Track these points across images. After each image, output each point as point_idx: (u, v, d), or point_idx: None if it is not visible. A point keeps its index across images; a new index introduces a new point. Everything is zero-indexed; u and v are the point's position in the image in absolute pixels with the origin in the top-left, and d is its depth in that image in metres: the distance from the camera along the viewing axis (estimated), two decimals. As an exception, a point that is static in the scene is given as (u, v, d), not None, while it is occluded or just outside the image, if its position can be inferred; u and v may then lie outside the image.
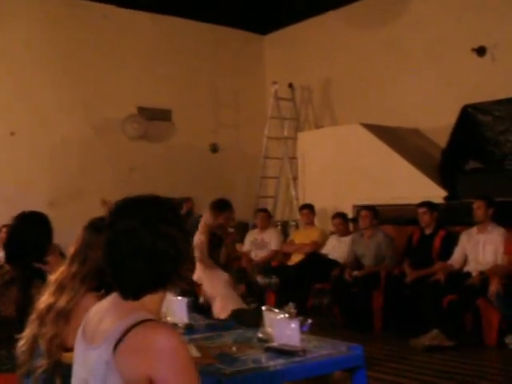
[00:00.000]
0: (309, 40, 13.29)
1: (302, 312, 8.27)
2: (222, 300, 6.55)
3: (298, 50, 13.51)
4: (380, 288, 8.57)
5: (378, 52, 12.04)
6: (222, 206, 7.09)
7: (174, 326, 3.83)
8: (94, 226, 3.08)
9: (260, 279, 9.57)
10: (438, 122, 10.38)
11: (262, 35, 14.37)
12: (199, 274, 6.88)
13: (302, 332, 3.32)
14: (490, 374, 6.58)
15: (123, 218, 2.20)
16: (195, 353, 3.30)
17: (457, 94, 10.22)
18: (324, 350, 3.39)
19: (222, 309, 6.31)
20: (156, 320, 2.11)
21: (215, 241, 7.07)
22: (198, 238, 6.73)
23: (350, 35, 12.51)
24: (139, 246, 2.14)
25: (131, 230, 2.15)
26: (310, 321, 3.35)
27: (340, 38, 12.73)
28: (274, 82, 12.92)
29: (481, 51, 10.70)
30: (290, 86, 13.21)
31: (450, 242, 8.35)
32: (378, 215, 9.12)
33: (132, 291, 2.16)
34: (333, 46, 12.82)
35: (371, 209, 9.16)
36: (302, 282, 9.30)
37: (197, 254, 6.68)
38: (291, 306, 3.77)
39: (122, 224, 2.18)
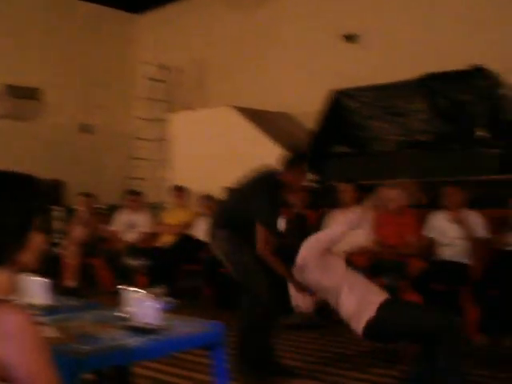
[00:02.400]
0: (182, 21, 13.25)
1: (172, 294, 8.32)
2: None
3: (171, 31, 13.45)
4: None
5: (252, 35, 12.13)
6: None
7: (30, 306, 3.76)
8: None
9: (129, 261, 9.50)
10: (308, 106, 10.54)
11: (135, 14, 14.23)
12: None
13: (162, 311, 3.33)
14: (349, 349, 6.76)
15: None
16: (54, 333, 3.26)
17: (326, 80, 10.41)
18: (183, 328, 3.40)
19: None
20: (1, 300, 2.03)
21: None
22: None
23: (225, 17, 12.55)
24: None
25: None
26: (170, 299, 3.36)
27: (214, 20, 12.75)
28: (146, 63, 12.84)
29: (351, 38, 10.93)
30: (163, 66, 13.14)
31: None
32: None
33: None
34: (207, 28, 12.83)
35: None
36: (172, 264, 9.29)
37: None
38: (162, 288, 3.77)
39: None
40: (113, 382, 4.16)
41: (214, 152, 10.62)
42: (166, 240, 9.84)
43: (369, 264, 7.61)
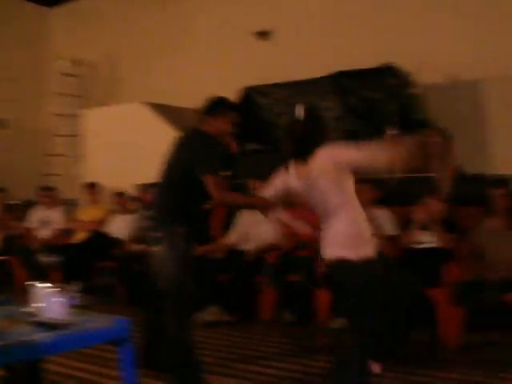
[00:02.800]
0: (96, 15, 13.13)
1: (86, 290, 8.25)
2: None
3: (84, 26, 13.30)
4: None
5: (166, 31, 12.11)
6: None
7: None
8: None
9: (43, 258, 9.38)
10: (220, 103, 10.52)
11: (48, 8, 14.01)
12: None
13: (71, 306, 3.31)
14: (265, 345, 6.82)
15: None
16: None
17: (239, 76, 10.44)
18: (90, 323, 3.39)
19: None
20: None
21: None
22: None
23: (139, 12, 12.50)
24: None
25: None
26: (77, 294, 3.34)
27: (128, 15, 12.68)
28: (60, 57, 12.66)
29: (263, 35, 10.99)
30: (76, 61, 12.98)
31: (229, 220, 8.57)
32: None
33: None
34: (121, 23, 12.75)
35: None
36: (86, 261, 9.19)
37: None
38: (75, 284, 3.74)
39: None
40: (24, 377, 4.12)
41: (126, 148, 10.55)
42: (80, 237, 9.75)
43: (279, 261, 7.68)
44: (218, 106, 5.41)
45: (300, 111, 4.52)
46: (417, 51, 9.33)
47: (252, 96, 9.75)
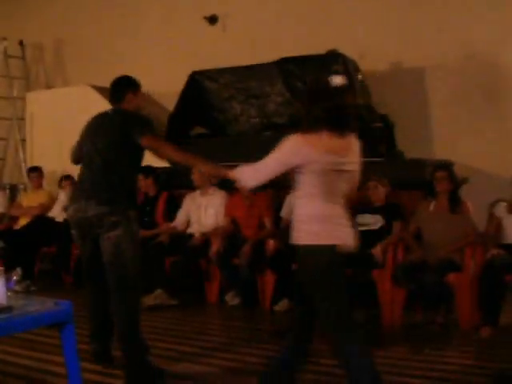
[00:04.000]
0: (43, -3, 12.94)
1: (29, 276, 8.18)
2: None
3: (29, 6, 13.08)
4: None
5: (113, 13, 11.99)
6: None
7: None
8: None
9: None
10: (168, 87, 10.51)
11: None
12: None
13: (9, 289, 3.29)
14: (211, 329, 6.88)
15: None
16: None
17: (187, 61, 10.41)
18: (31, 306, 3.37)
19: None
20: None
21: None
22: None
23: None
24: None
25: None
26: (15, 277, 3.33)
27: (76, -2, 12.53)
28: (4, 38, 12.45)
29: (212, 20, 10.97)
30: (21, 43, 12.79)
31: (173, 204, 8.60)
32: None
33: None
34: (66, 4, 12.58)
35: None
36: (29, 246, 9.10)
37: None
38: (18, 271, 3.71)
39: None
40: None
41: (72, 132, 10.38)
42: (24, 222, 9.64)
43: (224, 245, 7.72)
44: (133, 82, 5.36)
45: (339, 80, 3.95)
46: (361, 38, 9.40)
47: (199, 80, 9.73)
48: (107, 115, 5.15)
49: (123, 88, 5.26)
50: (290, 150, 3.98)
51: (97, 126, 5.14)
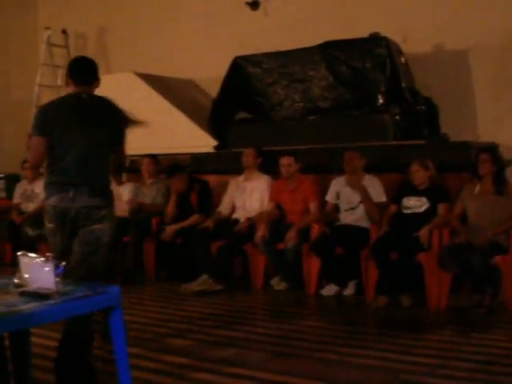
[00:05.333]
0: (84, -15, 13.02)
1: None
2: None
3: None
4: (152, 235, 8.64)
5: (155, 1, 12.03)
6: None
7: None
8: None
9: (29, 231, 9.39)
10: (210, 72, 10.52)
11: (36, -22, 13.90)
12: None
13: (57, 275, 3.33)
14: (258, 313, 6.91)
15: None
16: None
17: (229, 46, 10.40)
18: (79, 291, 3.41)
19: None
20: None
21: None
22: None
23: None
24: None
25: None
26: (64, 263, 3.36)
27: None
28: (47, 28, 12.56)
29: (254, 5, 10.94)
30: (64, 32, 12.88)
31: (205, 195, 8.65)
32: (159, 164, 9.20)
33: None
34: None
35: (153, 157, 9.23)
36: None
37: None
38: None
39: None
40: (12, 352, 4.13)
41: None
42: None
43: (269, 230, 7.73)
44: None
45: None
46: (403, 21, 9.31)
47: (242, 65, 9.73)
48: (85, 100, 4.81)
49: (96, 72, 4.97)
50: None
51: (81, 111, 4.79)
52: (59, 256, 4.41)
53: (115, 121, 4.88)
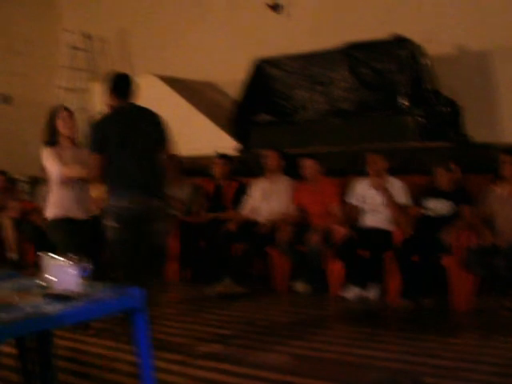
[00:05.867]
0: (107, -12, 13.08)
1: (96, 265, 8.28)
2: None
3: (94, -1, 13.26)
4: (177, 235, 8.62)
5: (176, 4, 12.06)
6: None
7: None
8: None
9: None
10: (233, 75, 10.54)
11: (57, -19, 13.98)
12: None
13: (82, 277, 3.33)
14: (281, 316, 6.86)
15: None
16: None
17: (252, 49, 10.42)
18: (103, 293, 3.40)
19: None
20: None
21: None
22: None
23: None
24: None
25: None
26: (89, 265, 3.36)
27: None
28: (69, 31, 12.63)
29: (276, 7, 10.95)
30: (86, 35, 12.94)
31: (243, 194, 8.57)
32: (182, 165, 9.20)
33: None
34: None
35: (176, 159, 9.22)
36: (96, 236, 9.16)
37: None
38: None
39: None
40: (35, 353, 4.13)
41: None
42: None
43: (291, 232, 7.70)
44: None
45: None
46: (426, 22, 9.29)
47: (265, 68, 9.75)
48: (136, 111, 5.55)
49: (135, 86, 5.64)
50: None
51: (135, 121, 5.46)
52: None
53: (161, 127, 5.57)
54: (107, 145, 5.32)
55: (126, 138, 5.34)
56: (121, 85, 5.54)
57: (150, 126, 5.49)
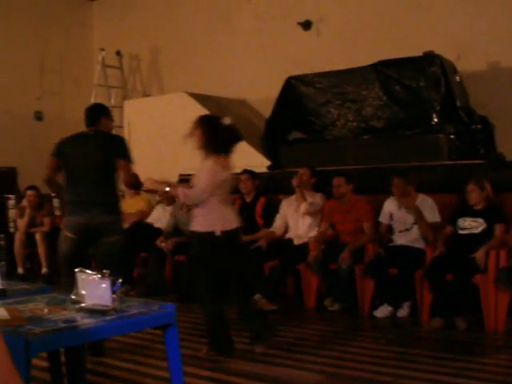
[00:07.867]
0: (138, 7, 13.19)
1: (128, 281, 8.30)
2: None
3: (126, 17, 13.37)
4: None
5: (207, 22, 12.13)
6: None
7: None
8: None
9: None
10: (263, 93, 10.58)
11: (91, 0, 14.13)
12: None
13: (114, 292, 3.33)
14: (311, 334, 6.82)
15: None
16: (5, 315, 3.24)
17: (282, 66, 10.46)
18: (136, 308, 3.40)
19: None
20: None
21: None
22: None
23: (181, 2, 12.53)
24: None
25: None
26: (120, 280, 3.36)
27: (169, 6, 12.70)
28: (102, 49, 12.74)
29: (306, 25, 10.97)
30: (118, 53, 13.06)
31: (271, 210, 8.54)
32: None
33: None
34: (162, 14, 12.79)
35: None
36: (128, 252, 9.21)
37: None
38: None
39: None
40: (67, 367, 4.15)
41: (169, 139, 10.57)
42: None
43: (323, 250, 7.68)
44: (106, 109, 6.49)
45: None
46: (458, 39, 9.26)
47: (295, 85, 9.74)
48: (90, 135, 6.02)
49: (98, 113, 6.16)
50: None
51: (85, 144, 5.97)
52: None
53: (112, 145, 6.00)
54: (63, 159, 5.97)
55: (75, 159, 5.89)
56: (87, 115, 6.13)
57: (106, 148, 5.95)
